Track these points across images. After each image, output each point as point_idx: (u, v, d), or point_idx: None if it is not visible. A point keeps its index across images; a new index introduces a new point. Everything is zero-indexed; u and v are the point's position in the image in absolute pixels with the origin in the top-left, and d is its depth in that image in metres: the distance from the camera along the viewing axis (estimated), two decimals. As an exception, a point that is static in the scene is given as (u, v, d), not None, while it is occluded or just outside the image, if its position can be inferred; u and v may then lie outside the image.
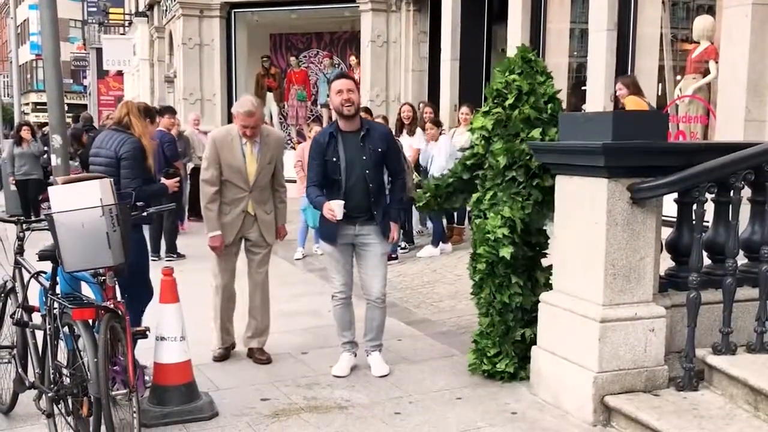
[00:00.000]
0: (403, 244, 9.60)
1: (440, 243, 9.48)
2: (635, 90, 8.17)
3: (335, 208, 4.94)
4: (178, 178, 5.71)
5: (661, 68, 9.12)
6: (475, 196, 5.11)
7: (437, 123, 9.82)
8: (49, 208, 3.86)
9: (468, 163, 5.26)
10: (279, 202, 5.65)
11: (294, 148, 13.49)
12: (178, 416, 4.38)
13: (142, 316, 4.98)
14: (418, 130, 10.52)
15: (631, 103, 7.89)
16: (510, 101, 4.91)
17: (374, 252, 5.19)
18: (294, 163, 9.79)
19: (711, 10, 8.33)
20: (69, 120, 22.12)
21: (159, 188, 5.29)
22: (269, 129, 5.77)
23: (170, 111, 11.41)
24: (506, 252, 4.80)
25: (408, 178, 9.30)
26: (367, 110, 11.27)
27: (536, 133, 4.85)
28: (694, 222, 4.34)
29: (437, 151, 9.43)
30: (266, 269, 5.67)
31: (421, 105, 11.28)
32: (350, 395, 4.77)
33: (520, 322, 4.96)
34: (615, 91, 8.46)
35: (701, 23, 8.06)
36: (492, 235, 4.82)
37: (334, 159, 5.04)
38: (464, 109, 9.86)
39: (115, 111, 5.41)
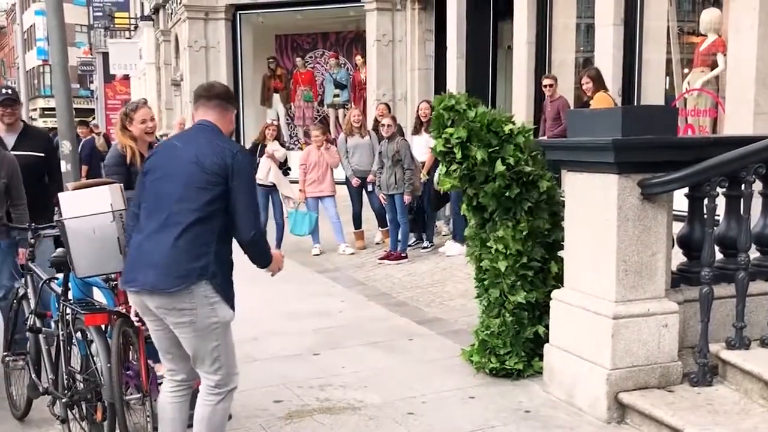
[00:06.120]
0: (426, 243, 9.65)
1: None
2: (600, 84, 8.15)
3: None
4: None
5: (668, 62, 9.09)
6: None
7: None
8: (60, 214, 3.87)
9: (461, 173, 4.98)
10: None
11: (302, 149, 13.52)
12: (192, 419, 4.38)
13: None
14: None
15: (600, 100, 7.87)
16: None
17: None
18: (299, 164, 9.86)
19: (718, 3, 8.28)
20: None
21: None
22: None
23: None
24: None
25: (415, 178, 9.32)
26: (387, 106, 11.18)
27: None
28: (705, 216, 4.32)
29: None
30: None
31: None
32: (363, 396, 4.77)
33: (532, 320, 4.95)
34: (581, 84, 8.42)
35: (708, 16, 8.03)
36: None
37: None
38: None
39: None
